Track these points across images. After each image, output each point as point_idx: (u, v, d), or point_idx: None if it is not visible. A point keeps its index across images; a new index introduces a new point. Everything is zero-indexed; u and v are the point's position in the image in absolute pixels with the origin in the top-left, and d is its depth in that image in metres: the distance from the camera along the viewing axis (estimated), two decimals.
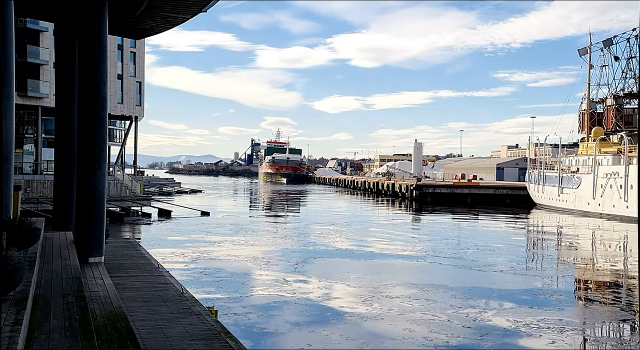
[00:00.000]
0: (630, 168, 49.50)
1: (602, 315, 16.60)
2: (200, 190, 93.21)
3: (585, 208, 56.44)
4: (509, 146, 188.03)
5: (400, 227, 42.88)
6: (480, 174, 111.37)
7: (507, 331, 14.13)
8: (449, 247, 30.12)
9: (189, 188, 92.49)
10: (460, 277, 21.71)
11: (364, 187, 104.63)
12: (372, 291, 18.41)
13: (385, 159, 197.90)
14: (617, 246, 34.63)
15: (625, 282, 22.36)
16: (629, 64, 62.42)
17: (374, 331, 14.03)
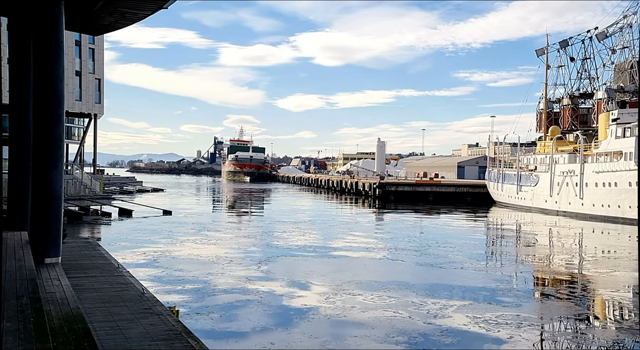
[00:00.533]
0: (585, 166, 50.93)
1: (557, 310, 17.04)
2: (162, 189, 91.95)
3: (543, 205, 57.84)
4: (470, 145, 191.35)
5: (363, 225, 43.16)
6: (441, 172, 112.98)
7: (466, 327, 14.38)
8: (411, 244, 30.46)
9: (151, 187, 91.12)
10: (422, 274, 21.98)
11: (328, 186, 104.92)
12: (335, 289, 18.49)
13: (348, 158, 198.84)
14: (573, 243, 35.60)
15: (580, 278, 23.01)
16: (584, 65, 64.28)
17: (337, 329, 14.09)
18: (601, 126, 52.67)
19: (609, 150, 48.90)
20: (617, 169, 46.57)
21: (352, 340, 13.08)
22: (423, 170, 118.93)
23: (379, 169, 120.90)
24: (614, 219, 46.35)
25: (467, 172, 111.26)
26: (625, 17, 56.17)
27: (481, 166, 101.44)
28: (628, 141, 46.38)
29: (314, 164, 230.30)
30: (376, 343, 12.87)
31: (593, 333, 14.76)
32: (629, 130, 47.11)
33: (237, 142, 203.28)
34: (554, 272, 24.41)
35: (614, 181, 46.76)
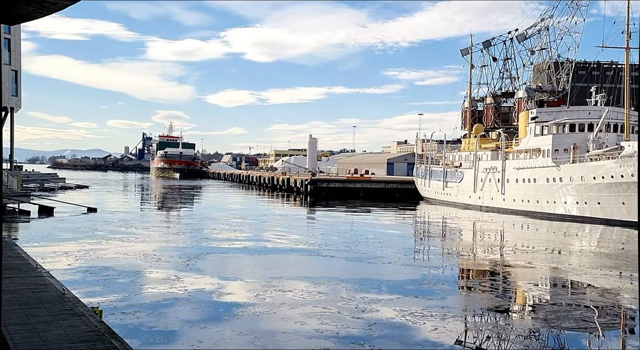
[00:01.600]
0: (506, 163, 53.10)
1: (480, 302, 17.70)
2: (86, 185, 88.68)
3: (467, 201, 59.89)
4: (399, 142, 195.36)
5: (294, 221, 43.26)
6: (372, 168, 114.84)
7: (393, 320, 14.71)
8: (341, 240, 30.81)
9: (75, 184, 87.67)
10: (351, 270, 22.29)
11: (259, 182, 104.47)
12: (265, 286, 18.45)
13: (280, 154, 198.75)
14: (495, 237, 37.07)
15: (501, 270, 23.99)
16: (506, 65, 66.93)
17: (266, 325, 14.08)
18: (521, 124, 55.04)
19: (528, 147, 51.19)
20: (535, 166, 48.83)
21: (281, 337, 13.10)
22: (354, 166, 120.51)
23: (311, 165, 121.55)
24: (532, 213, 48.60)
25: (397, 168, 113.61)
26: (543, 20, 58.89)
27: (410, 163, 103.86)
28: (546, 139, 48.70)
29: (245, 160, 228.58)
30: (305, 339, 12.95)
31: (512, 323, 15.44)
32: (546, 129, 49.46)
33: (167, 138, 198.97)
34: (477, 266, 25.35)
35: (533, 177, 49.00)
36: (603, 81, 59.56)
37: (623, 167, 39.60)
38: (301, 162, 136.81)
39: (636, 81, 78.37)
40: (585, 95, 54.12)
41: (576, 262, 25.83)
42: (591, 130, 46.42)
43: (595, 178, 42.06)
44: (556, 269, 23.92)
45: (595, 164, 42.53)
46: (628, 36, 44.51)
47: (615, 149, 43.04)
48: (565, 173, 45.05)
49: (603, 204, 42.05)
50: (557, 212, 46.30)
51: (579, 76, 67.54)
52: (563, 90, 57.54)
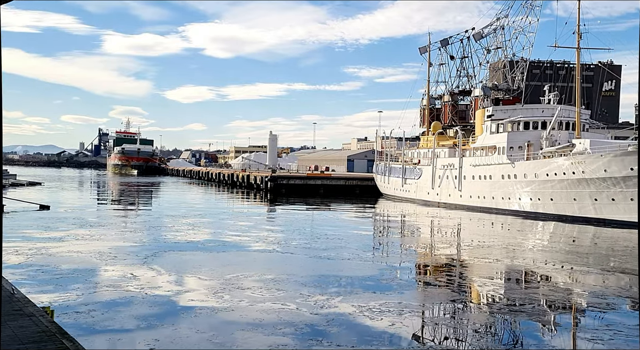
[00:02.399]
0: (463, 160, 54.04)
1: (437, 297, 18.00)
2: (39, 182, 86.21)
3: (426, 197, 60.73)
4: (359, 139, 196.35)
5: (254, 218, 43.08)
6: (332, 165, 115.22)
7: (351, 316, 14.82)
8: (301, 237, 30.84)
9: (26, 180, 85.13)
10: (311, 267, 22.34)
11: (219, 179, 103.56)
12: (224, 283, 18.32)
13: (240, 151, 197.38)
14: (452, 233, 37.70)
15: (458, 265, 24.43)
16: (463, 63, 68.03)
17: (224, 323, 13.99)
18: (478, 122, 56.07)
19: (484, 145, 52.20)
20: (491, 163, 49.84)
21: (239, 334, 13.04)
22: (314, 163, 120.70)
23: (271, 162, 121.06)
24: (488, 209, 49.62)
25: (357, 165, 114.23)
26: (499, 19, 60.09)
27: (370, 160, 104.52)
28: (501, 136, 49.74)
29: (205, 157, 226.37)
30: (263, 336, 12.93)
31: (468, 317, 15.74)
32: (502, 126, 50.53)
33: (124, 134, 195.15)
34: (434, 261, 25.75)
35: (488, 174, 50.01)
36: (556, 80, 61.17)
37: (574, 164, 40.79)
38: (261, 159, 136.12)
39: (587, 80, 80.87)
40: (539, 93, 55.38)
41: (530, 257, 26.49)
42: (544, 128, 47.64)
43: (548, 175, 43.20)
44: (510, 264, 24.50)
45: (548, 161, 43.68)
46: (579, 37, 45.85)
47: (567, 146, 44.26)
48: (520, 170, 46.13)
49: (555, 200, 43.24)
50: (512, 208, 47.38)
51: (533, 75, 69.13)
52: (518, 89, 58.87)
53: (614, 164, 38.12)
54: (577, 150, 42.44)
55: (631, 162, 37.24)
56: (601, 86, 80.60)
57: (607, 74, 76.28)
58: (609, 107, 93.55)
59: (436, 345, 12.92)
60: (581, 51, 46.45)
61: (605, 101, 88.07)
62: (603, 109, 74.87)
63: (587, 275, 21.87)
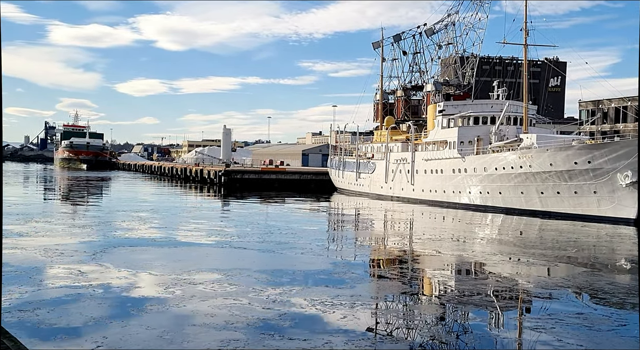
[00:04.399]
0: (415, 154, 54.84)
1: (388, 289, 18.26)
2: None
3: (379, 191, 61.40)
4: (314, 133, 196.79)
5: (207, 213, 42.68)
6: (287, 160, 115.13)
7: (303, 310, 14.89)
8: (254, 231, 30.73)
9: None
10: (263, 261, 22.31)
11: (172, 174, 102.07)
12: (175, 279, 18.11)
13: (194, 145, 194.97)
14: (404, 226, 38.27)
15: (410, 258, 24.82)
16: (415, 59, 68.90)
17: (175, 319, 13.83)
18: (429, 117, 56.95)
19: (436, 139, 53.09)
20: (442, 157, 50.77)
21: (190, 330, 12.93)
22: (269, 158, 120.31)
23: (225, 156, 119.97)
24: (440, 203, 50.56)
25: (311, 159, 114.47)
26: (449, 15, 61.09)
27: (324, 154, 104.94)
28: (452, 131, 50.69)
29: (157, 151, 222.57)
30: (215, 331, 12.85)
31: (418, 309, 16.04)
32: (452, 121, 51.48)
33: (72, 128, 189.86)
34: (386, 254, 26.10)
35: (440, 168, 50.93)
36: (504, 76, 62.69)
37: (521, 158, 41.96)
38: (215, 153, 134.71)
39: (534, 76, 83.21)
40: (488, 89, 56.64)
41: (479, 250, 27.17)
42: (493, 123, 48.76)
43: (496, 169, 44.31)
44: (460, 256, 25.06)
45: (497, 155, 44.79)
46: (526, 34, 47.07)
47: (514, 141, 45.48)
48: (470, 164, 47.15)
49: (504, 194, 44.40)
50: (462, 202, 48.40)
51: (483, 71, 70.71)
52: (468, 84, 60.04)
53: (559, 158, 39.40)
54: (524, 144, 43.65)
55: (575, 156, 38.57)
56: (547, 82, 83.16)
57: (553, 70, 78.65)
58: (554, 102, 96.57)
59: (387, 336, 13.12)
60: (528, 48, 47.70)
61: (551, 97, 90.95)
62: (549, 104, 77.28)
63: (532, 266, 22.58)
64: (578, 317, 14.70)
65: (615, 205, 37.85)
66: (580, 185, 39.13)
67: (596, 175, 38.05)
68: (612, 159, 36.92)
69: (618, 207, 37.71)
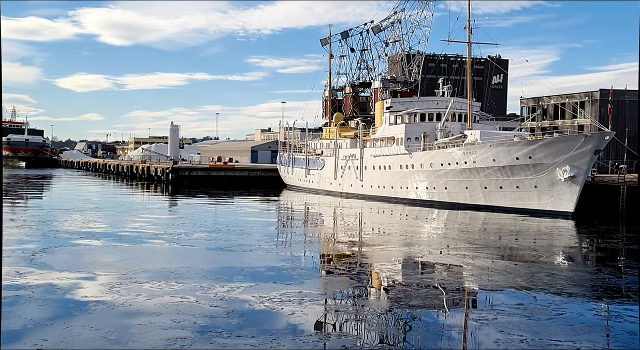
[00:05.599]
0: (364, 151, 55.38)
1: (337, 285, 18.42)
2: None
3: (329, 187, 61.72)
4: (263, 130, 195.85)
5: (154, 211, 41.91)
6: (236, 156, 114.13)
7: (252, 307, 14.84)
8: (202, 229, 30.38)
9: None
10: (211, 259, 22.09)
11: (118, 171, 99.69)
12: (120, 278, 17.72)
13: (140, 142, 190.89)
14: (353, 222, 38.61)
15: (358, 253, 25.08)
16: (363, 56, 69.46)
17: (120, 319, 13.54)
18: (377, 114, 57.59)
19: (384, 136, 53.74)
20: (390, 153, 51.45)
21: (136, 330, 12.68)
22: (217, 154, 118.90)
23: (173, 153, 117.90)
24: (388, 198, 51.25)
25: (261, 156, 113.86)
26: (396, 13, 61.85)
27: (274, 151, 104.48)
28: (399, 128, 51.41)
29: (102, 148, 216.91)
30: (161, 330, 12.65)
31: (366, 303, 16.24)
32: (399, 118, 52.21)
33: (10, 124, 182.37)
34: (335, 250, 26.28)
35: (388, 164, 51.60)
36: (449, 73, 64.01)
37: (466, 154, 42.99)
38: (162, 150, 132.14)
39: (478, 74, 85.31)
40: (434, 86, 57.68)
41: (425, 244, 27.72)
42: (439, 119, 49.73)
43: (442, 165, 45.24)
44: (407, 250, 25.50)
45: (442, 151, 45.73)
46: (469, 32, 48.21)
47: (459, 137, 46.52)
48: (417, 160, 47.96)
49: (449, 189, 45.39)
50: (409, 197, 49.21)
51: (428, 68, 71.86)
52: (415, 81, 61.01)
53: (502, 154, 40.56)
54: (468, 141, 44.71)
55: (517, 152, 39.78)
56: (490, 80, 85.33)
57: (496, 68, 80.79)
58: (497, 99, 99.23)
59: (336, 331, 13.23)
60: (472, 46, 48.87)
61: (494, 94, 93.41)
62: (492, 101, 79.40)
63: (476, 259, 23.19)
64: (519, 308, 15.21)
65: (554, 199, 39.28)
66: (522, 180, 40.40)
67: (536, 170, 39.37)
68: (552, 154, 38.28)
69: (557, 201, 39.15)
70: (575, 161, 37.60)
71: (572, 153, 37.49)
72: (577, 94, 65.31)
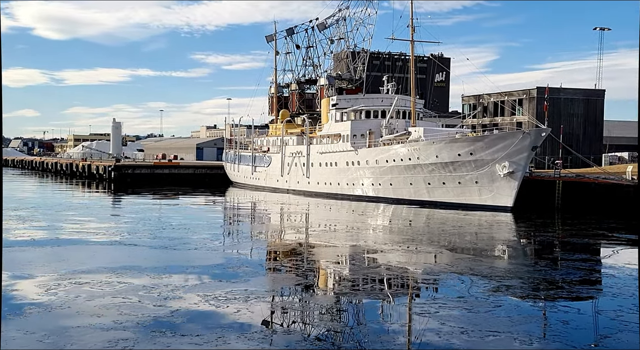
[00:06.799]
0: (310, 148, 55.50)
1: (282, 281, 18.41)
2: None
3: (275, 185, 61.58)
4: (208, 127, 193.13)
5: (95, 210, 40.77)
6: (181, 154, 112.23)
7: (196, 306, 14.66)
8: (146, 228, 29.77)
9: None
10: (155, 257, 21.69)
11: (56, 169, 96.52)
12: (59, 279, 17.16)
13: (80, 139, 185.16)
14: (300, 218, 38.69)
15: (305, 250, 25.14)
16: (308, 53, 69.53)
17: (58, 321, 13.12)
18: (323, 111, 57.82)
19: (330, 133, 54.03)
20: (336, 150, 51.77)
21: (74, 332, 12.31)
22: (162, 152, 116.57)
23: (115, 150, 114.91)
24: (334, 195, 51.58)
25: (206, 153, 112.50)
26: (340, 10, 62.18)
27: (219, 148, 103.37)
28: (345, 125, 51.78)
29: (39, 146, 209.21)
30: (102, 332, 12.33)
31: (314, 300, 16.31)
32: (345, 115, 52.60)
33: None
34: (282, 247, 26.26)
35: (334, 161, 51.92)
36: (393, 71, 64.76)
37: (410, 150, 43.72)
38: (104, 148, 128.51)
39: (421, 72, 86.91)
40: (379, 83, 58.32)
41: (371, 239, 28.05)
42: (384, 116, 50.35)
43: (387, 161, 45.87)
44: (353, 246, 25.75)
45: (387, 148, 46.36)
46: (412, 30, 49.03)
47: (403, 134, 47.27)
48: (362, 157, 48.44)
49: (394, 185, 46.07)
50: (356, 194, 49.66)
51: (373, 65, 72.64)
52: (360, 79, 61.53)
53: (444, 150, 41.47)
54: (412, 137, 45.48)
55: (459, 148, 40.75)
56: (433, 77, 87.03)
57: (438, 66, 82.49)
58: (440, 97, 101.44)
59: (282, 328, 13.24)
60: (415, 44, 49.73)
61: (436, 91, 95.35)
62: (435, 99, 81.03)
63: (420, 253, 23.68)
64: (459, 300, 15.61)
65: (494, 194, 40.47)
66: (464, 176, 41.44)
67: (477, 166, 40.46)
68: (492, 150, 39.42)
69: (497, 196, 40.35)
70: (513, 157, 38.83)
71: (511, 149, 38.71)
72: (515, 92, 67.49)
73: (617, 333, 12.99)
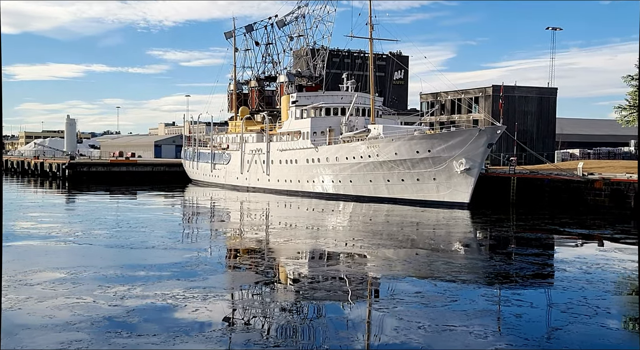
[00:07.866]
0: (270, 145, 55.31)
1: (242, 279, 18.31)
2: None
3: (235, 182, 61.15)
4: (167, 124, 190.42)
5: (48, 209, 39.71)
6: (138, 151, 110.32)
7: (154, 304, 14.46)
8: (102, 227, 29.17)
9: None
10: (111, 257, 21.28)
11: (6, 167, 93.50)
12: (8, 281, 16.64)
13: (32, 136, 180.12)
14: (259, 216, 38.51)
15: (264, 247, 25.05)
16: (268, 50, 69.19)
17: (6, 323, 12.72)
18: (283, 108, 57.67)
19: (290, 130, 53.93)
20: (296, 147, 51.73)
21: (25, 334, 11.98)
22: (119, 149, 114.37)
23: (69, 148, 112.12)
24: (295, 192, 51.56)
25: (165, 151, 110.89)
26: (300, 7, 62.12)
27: (178, 145, 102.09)
28: (305, 122, 51.77)
29: None
30: (54, 333, 12.04)
31: (273, 297, 16.28)
32: (305, 112, 52.60)
33: None
34: (241, 245, 26.10)
35: (294, 158, 51.87)
36: (353, 68, 64.97)
37: (370, 148, 44.04)
38: (58, 145, 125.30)
39: (380, 69, 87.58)
40: (338, 81, 58.50)
41: (331, 236, 28.15)
42: (344, 114, 50.54)
43: (347, 158, 46.09)
44: (313, 243, 25.79)
45: (347, 145, 46.58)
46: (371, 28, 49.33)
47: (363, 131, 47.55)
48: (323, 154, 48.54)
49: (354, 182, 46.35)
50: (316, 191, 49.75)
51: (333, 63, 72.95)
52: (320, 76, 61.59)
53: (403, 147, 41.91)
54: (372, 135, 45.80)
55: (417, 146, 41.26)
56: (392, 75, 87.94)
57: (397, 64, 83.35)
58: (398, 94, 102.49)
59: (241, 326, 13.17)
60: (374, 42, 50.05)
61: (395, 89, 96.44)
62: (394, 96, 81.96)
63: (379, 250, 23.89)
64: (417, 295, 15.83)
65: (451, 191, 41.14)
66: (422, 173, 41.98)
67: (435, 163, 41.04)
68: (449, 147, 40.04)
69: (454, 192, 41.03)
70: (470, 154, 39.54)
71: (468, 146, 39.40)
72: (472, 90, 68.76)
73: (567, 325, 13.40)
